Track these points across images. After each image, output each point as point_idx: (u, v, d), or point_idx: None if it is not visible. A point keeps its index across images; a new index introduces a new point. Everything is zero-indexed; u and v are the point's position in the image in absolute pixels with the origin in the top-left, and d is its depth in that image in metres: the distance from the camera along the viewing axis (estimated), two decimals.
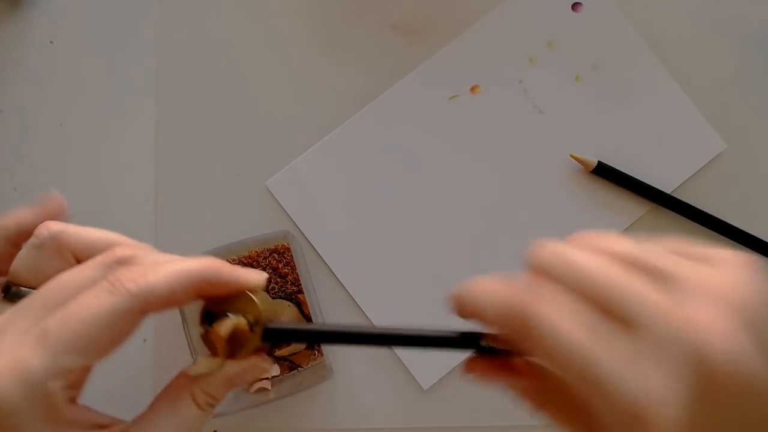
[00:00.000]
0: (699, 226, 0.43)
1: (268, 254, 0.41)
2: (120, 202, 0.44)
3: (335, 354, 0.42)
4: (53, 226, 0.24)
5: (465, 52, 0.45)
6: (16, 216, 0.28)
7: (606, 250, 0.20)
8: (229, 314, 0.23)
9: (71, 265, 0.24)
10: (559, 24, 0.45)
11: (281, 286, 0.40)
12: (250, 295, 0.23)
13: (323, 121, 0.44)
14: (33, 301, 0.22)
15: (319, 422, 0.42)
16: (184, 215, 0.44)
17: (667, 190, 0.43)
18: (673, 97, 0.45)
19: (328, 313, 0.43)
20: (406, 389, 0.42)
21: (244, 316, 0.23)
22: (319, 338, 0.25)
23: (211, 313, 0.24)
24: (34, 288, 0.23)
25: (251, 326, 0.23)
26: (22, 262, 0.24)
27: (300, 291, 0.40)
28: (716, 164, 0.44)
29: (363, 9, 0.45)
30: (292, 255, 0.40)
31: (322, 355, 0.40)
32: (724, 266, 0.19)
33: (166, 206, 0.44)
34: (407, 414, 0.42)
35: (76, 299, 0.21)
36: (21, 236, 0.27)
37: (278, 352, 0.40)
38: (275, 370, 0.40)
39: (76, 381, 0.21)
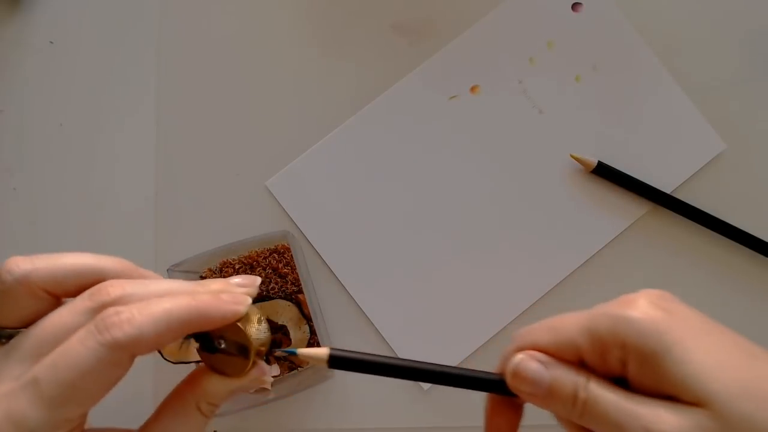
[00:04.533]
0: (699, 226, 0.43)
1: (268, 254, 0.41)
2: (120, 202, 0.44)
3: None
4: (17, 268, 0.22)
5: (465, 52, 0.45)
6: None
7: None
8: (221, 341, 0.24)
9: (44, 301, 0.23)
10: (559, 24, 0.45)
11: (281, 286, 0.40)
12: (238, 325, 0.24)
13: (323, 122, 0.44)
14: (21, 344, 0.22)
15: (319, 422, 0.42)
16: (184, 215, 0.44)
17: (667, 190, 0.43)
18: (673, 97, 0.45)
19: (328, 313, 0.43)
20: (406, 389, 0.42)
21: (234, 343, 0.24)
22: (386, 371, 0.25)
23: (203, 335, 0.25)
24: (10, 328, 0.23)
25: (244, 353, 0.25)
26: None
27: (300, 291, 0.40)
28: (716, 164, 0.44)
29: (363, 9, 0.45)
30: (292, 255, 0.40)
31: None
32: None
33: (166, 206, 0.44)
34: (407, 414, 0.42)
35: (64, 347, 0.21)
36: None
37: (278, 353, 0.40)
38: (275, 370, 0.40)
39: (77, 422, 0.22)
